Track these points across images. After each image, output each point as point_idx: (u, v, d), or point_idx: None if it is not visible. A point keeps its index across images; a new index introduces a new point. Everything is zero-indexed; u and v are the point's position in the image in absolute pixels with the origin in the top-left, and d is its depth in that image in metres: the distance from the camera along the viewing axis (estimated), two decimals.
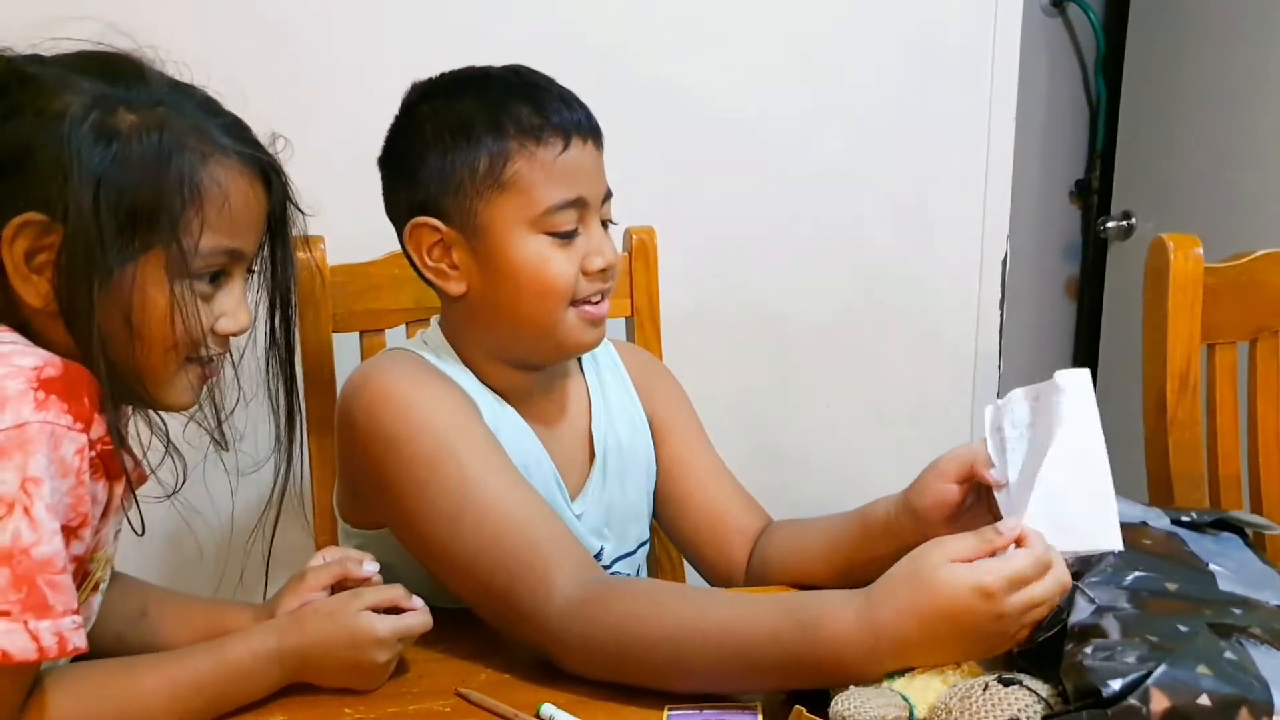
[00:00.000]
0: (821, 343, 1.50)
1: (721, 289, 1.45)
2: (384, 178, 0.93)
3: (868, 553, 0.89)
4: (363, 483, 0.90)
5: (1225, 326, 1.12)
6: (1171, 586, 0.74)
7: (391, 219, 0.93)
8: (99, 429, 0.68)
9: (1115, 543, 0.76)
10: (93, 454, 0.68)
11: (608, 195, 0.92)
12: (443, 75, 0.91)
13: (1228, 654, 0.64)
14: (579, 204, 0.88)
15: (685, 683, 0.75)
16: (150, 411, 0.78)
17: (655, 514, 1.05)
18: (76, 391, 0.66)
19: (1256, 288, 1.14)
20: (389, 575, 0.85)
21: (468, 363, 0.94)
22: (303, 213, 0.78)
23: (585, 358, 1.03)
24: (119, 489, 0.73)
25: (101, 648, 0.79)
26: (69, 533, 0.67)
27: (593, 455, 1.00)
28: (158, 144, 0.67)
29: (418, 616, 0.80)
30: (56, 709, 0.67)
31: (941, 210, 1.49)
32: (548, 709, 0.75)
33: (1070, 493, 0.77)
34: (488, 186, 0.86)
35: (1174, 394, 1.09)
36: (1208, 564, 0.79)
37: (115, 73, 0.68)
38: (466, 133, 0.86)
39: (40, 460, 0.63)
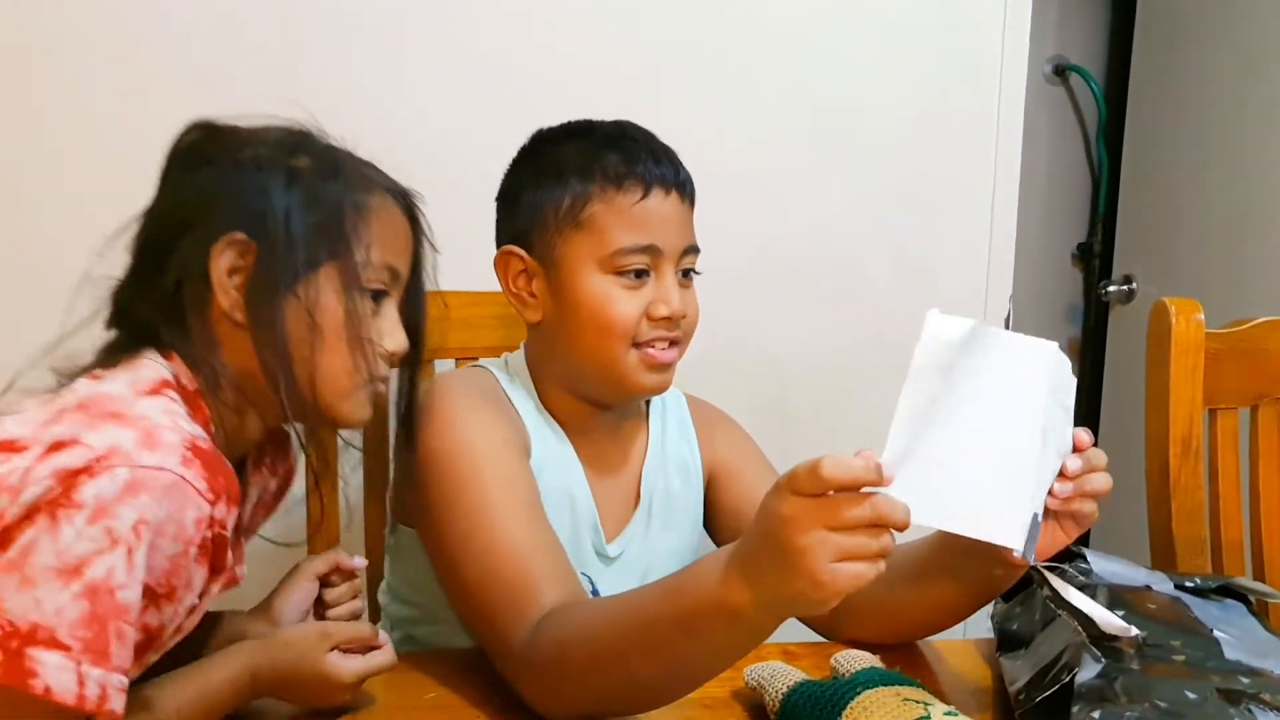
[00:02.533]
0: (823, 393, 1.50)
1: (724, 334, 1.45)
2: (496, 210, 0.99)
3: (958, 564, 0.84)
4: (404, 482, 0.94)
5: (1227, 392, 1.13)
6: (1178, 657, 0.73)
7: (497, 248, 0.97)
8: (223, 512, 0.69)
9: (1013, 541, 0.66)
10: (209, 533, 0.68)
11: (691, 249, 0.95)
12: (559, 125, 0.98)
13: None
14: (650, 250, 0.91)
15: (608, 681, 0.74)
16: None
17: None
18: (217, 468, 0.69)
19: (1258, 354, 1.14)
20: (414, 571, 0.87)
21: (539, 390, 0.97)
22: (435, 250, 0.86)
23: (655, 406, 1.05)
24: (215, 585, 0.73)
25: None
26: (154, 597, 0.66)
27: (638, 499, 1.01)
28: (333, 176, 0.77)
29: (383, 656, 0.81)
30: None
31: (946, 269, 1.50)
32: None
33: (975, 466, 0.66)
34: (567, 224, 0.91)
35: (1177, 458, 1.09)
36: (1212, 631, 0.78)
37: (290, 130, 0.80)
38: (559, 174, 0.92)
39: (159, 511, 0.64)
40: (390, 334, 0.80)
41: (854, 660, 0.82)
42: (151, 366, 0.73)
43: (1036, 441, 0.68)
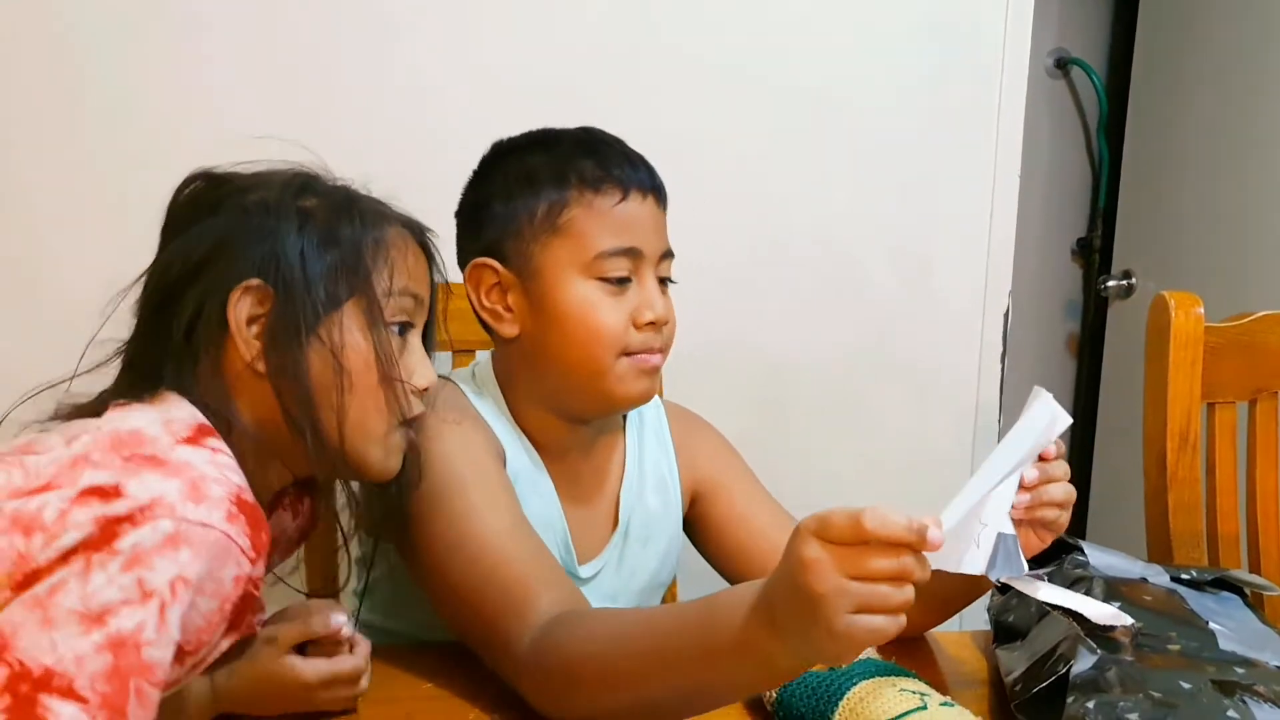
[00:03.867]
0: (821, 391, 1.50)
1: (721, 334, 1.46)
2: (458, 227, 0.96)
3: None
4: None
5: (1225, 386, 1.13)
6: (1173, 647, 0.73)
7: (460, 266, 0.94)
8: (260, 570, 0.67)
9: (974, 568, 0.67)
10: (242, 592, 0.66)
11: (668, 254, 0.93)
12: (520, 134, 0.95)
13: (1230, 712, 0.63)
14: (632, 253, 0.89)
15: (619, 697, 0.73)
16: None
17: (720, 570, 1.03)
18: (259, 524, 0.66)
19: (1257, 348, 1.14)
20: (394, 592, 0.84)
21: (512, 407, 0.95)
22: (446, 281, 0.84)
23: (632, 418, 1.03)
24: (228, 640, 0.69)
25: None
26: (180, 655, 0.63)
27: (616, 522, 1.00)
28: (345, 213, 0.76)
29: (347, 662, 0.79)
30: None
31: (945, 265, 1.50)
32: None
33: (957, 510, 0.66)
34: (544, 231, 0.89)
35: (1174, 451, 1.09)
36: (1208, 622, 0.78)
37: (296, 173, 0.78)
38: (530, 182, 0.90)
39: (199, 568, 0.61)
40: (419, 370, 0.77)
41: None
42: (185, 407, 0.70)
43: (987, 477, 0.69)
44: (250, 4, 1.27)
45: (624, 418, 1.03)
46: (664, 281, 0.93)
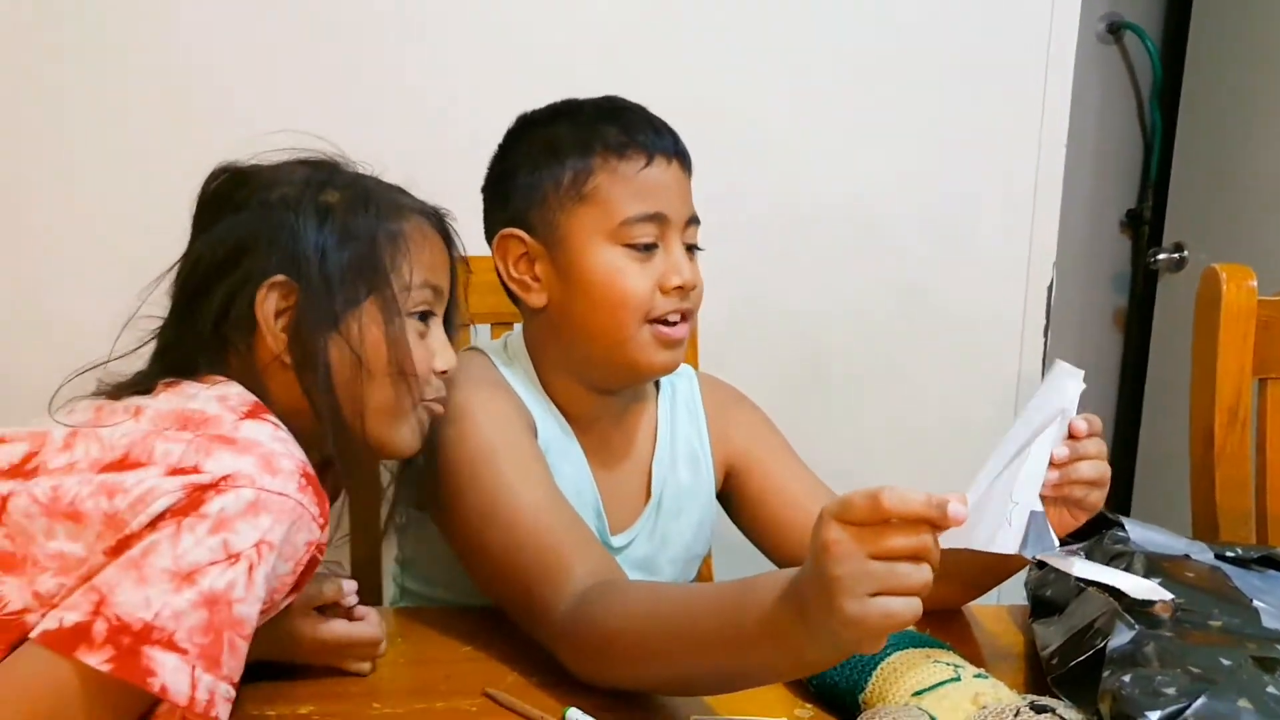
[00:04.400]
0: (860, 362, 1.49)
1: (760, 304, 1.45)
2: (484, 201, 0.96)
3: (958, 563, 0.84)
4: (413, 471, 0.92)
5: (1278, 361, 1.10)
6: (1214, 624, 0.72)
7: (487, 239, 0.95)
8: (325, 539, 0.72)
9: (1007, 547, 0.66)
10: (311, 556, 0.71)
11: (693, 220, 0.93)
12: (543, 107, 0.95)
13: (1270, 688, 0.62)
14: (658, 219, 0.89)
15: (652, 672, 0.74)
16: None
17: (758, 544, 1.03)
18: (321, 495, 0.71)
19: None
20: (434, 562, 0.87)
21: (542, 377, 0.95)
22: (469, 269, 0.89)
23: (664, 388, 1.03)
24: (288, 600, 0.74)
25: None
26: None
27: (649, 494, 1.00)
28: (364, 208, 0.79)
29: (363, 629, 0.82)
30: None
31: (987, 234, 1.48)
32: (574, 713, 0.75)
33: (981, 486, 0.67)
34: (570, 198, 0.89)
35: (1222, 428, 1.07)
36: (1251, 600, 0.77)
37: (316, 166, 0.82)
38: (555, 152, 0.90)
39: (280, 532, 0.66)
40: (441, 353, 0.82)
41: None
42: (234, 386, 0.75)
43: (1014, 448, 0.69)
44: None
45: (656, 389, 1.03)
46: (691, 249, 0.93)
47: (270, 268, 0.76)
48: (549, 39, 1.34)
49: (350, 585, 0.83)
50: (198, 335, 0.77)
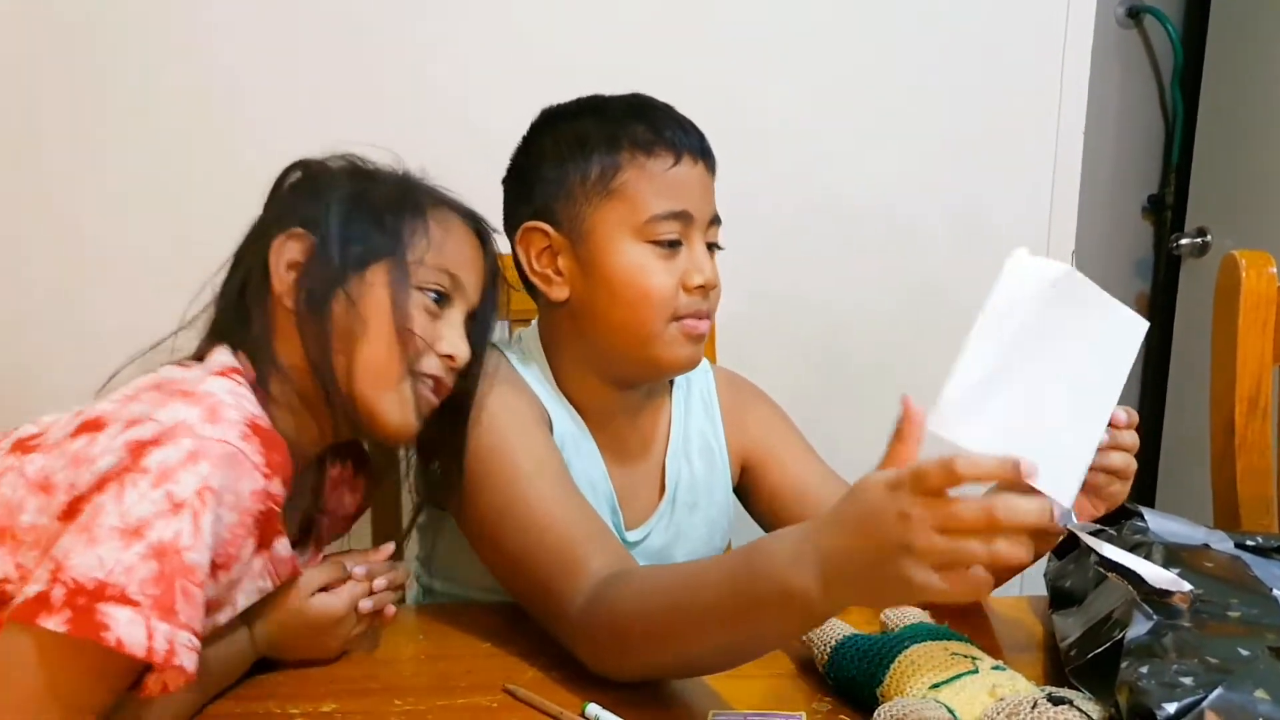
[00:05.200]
0: (877, 351, 1.48)
1: (777, 298, 1.45)
2: (505, 193, 0.97)
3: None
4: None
5: None
6: (1233, 614, 0.72)
7: (507, 231, 0.95)
8: (278, 489, 0.73)
9: (1063, 497, 0.62)
10: (262, 507, 0.72)
11: (715, 220, 0.94)
12: (569, 101, 0.96)
13: None
14: (683, 217, 0.90)
15: (670, 651, 0.74)
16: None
17: None
18: (274, 446, 0.73)
19: None
20: (456, 559, 0.88)
21: (557, 373, 0.96)
22: (509, 285, 0.91)
23: (678, 382, 1.03)
24: (258, 560, 0.76)
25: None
26: (212, 568, 0.69)
27: (663, 488, 1.00)
28: (398, 190, 0.82)
29: (379, 576, 0.83)
30: None
31: (1005, 222, 1.47)
32: (593, 709, 0.75)
33: (1041, 421, 0.63)
34: (597, 193, 0.89)
35: (1243, 416, 1.06)
36: (1271, 590, 0.76)
37: (365, 160, 0.86)
38: (582, 145, 0.90)
39: (219, 478, 0.68)
40: (448, 338, 0.82)
41: (903, 615, 0.83)
42: (222, 352, 0.78)
43: (1105, 408, 0.65)
44: None
45: (670, 384, 1.03)
46: (711, 247, 0.93)
47: (293, 223, 0.79)
48: (569, 36, 1.35)
49: (359, 568, 0.83)
50: (227, 303, 0.81)
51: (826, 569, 0.62)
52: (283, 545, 0.78)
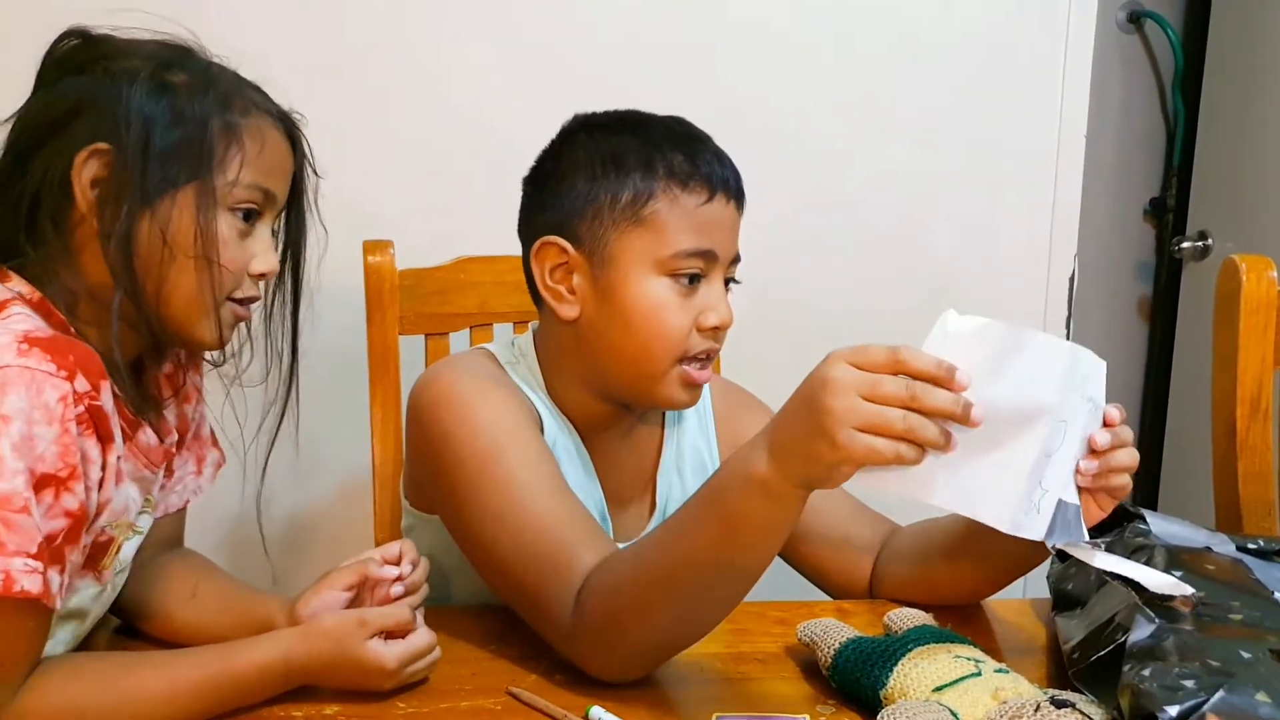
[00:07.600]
0: None
1: (781, 300, 1.45)
2: (526, 194, 0.94)
3: (987, 546, 0.85)
4: (421, 472, 0.93)
5: None
6: (1235, 617, 0.72)
7: (521, 235, 0.94)
8: (85, 385, 0.71)
9: (1000, 524, 0.66)
10: (80, 408, 0.70)
11: (736, 259, 0.92)
12: (606, 111, 0.93)
13: None
14: (708, 255, 0.88)
15: (663, 617, 0.75)
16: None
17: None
18: (63, 349, 0.71)
19: None
20: (439, 561, 0.87)
21: (550, 385, 0.94)
22: (317, 175, 0.86)
23: None
24: (111, 453, 0.74)
25: (150, 624, 0.87)
26: (56, 482, 0.69)
27: (654, 504, 1.00)
28: (205, 95, 0.77)
29: (422, 638, 0.80)
30: (56, 691, 0.71)
31: (1007, 225, 1.47)
32: (596, 711, 0.76)
33: (972, 458, 0.66)
34: (625, 219, 0.87)
35: (1244, 419, 1.06)
36: (1273, 592, 0.77)
37: (170, 47, 0.80)
38: (618, 165, 0.88)
39: (14, 401, 0.67)
40: (261, 255, 0.80)
41: (906, 618, 0.83)
42: (16, 280, 0.75)
43: (1040, 433, 0.67)
44: None
45: None
46: (728, 282, 0.92)
47: (96, 134, 0.74)
48: (578, 39, 1.35)
49: (390, 571, 0.83)
50: (19, 201, 0.75)
51: (772, 443, 0.68)
52: (147, 435, 0.78)
